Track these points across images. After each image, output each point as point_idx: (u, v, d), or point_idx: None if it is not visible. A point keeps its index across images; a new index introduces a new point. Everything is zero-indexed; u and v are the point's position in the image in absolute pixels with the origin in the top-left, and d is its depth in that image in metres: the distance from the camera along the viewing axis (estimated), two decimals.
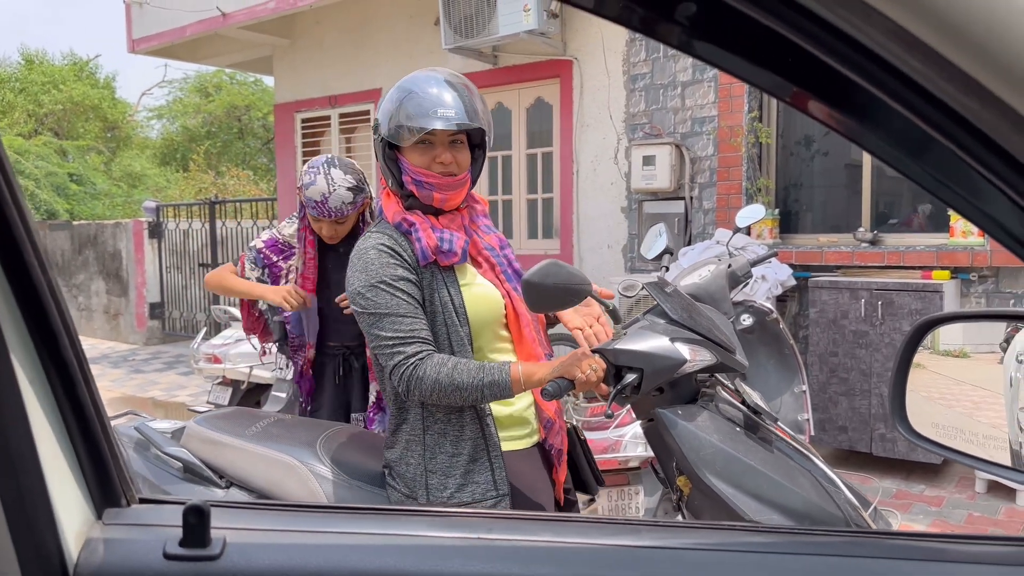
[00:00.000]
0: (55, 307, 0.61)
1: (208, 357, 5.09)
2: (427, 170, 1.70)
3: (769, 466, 1.61)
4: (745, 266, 2.60)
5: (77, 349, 0.63)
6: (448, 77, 1.72)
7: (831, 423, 4.48)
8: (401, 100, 1.68)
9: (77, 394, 0.62)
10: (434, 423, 1.69)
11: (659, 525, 0.72)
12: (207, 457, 2.01)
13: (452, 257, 1.70)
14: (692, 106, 5.32)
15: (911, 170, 0.58)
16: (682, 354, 1.61)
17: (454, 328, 1.68)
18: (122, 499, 0.65)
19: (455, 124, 1.66)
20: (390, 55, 6.92)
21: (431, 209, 1.74)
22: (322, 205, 2.48)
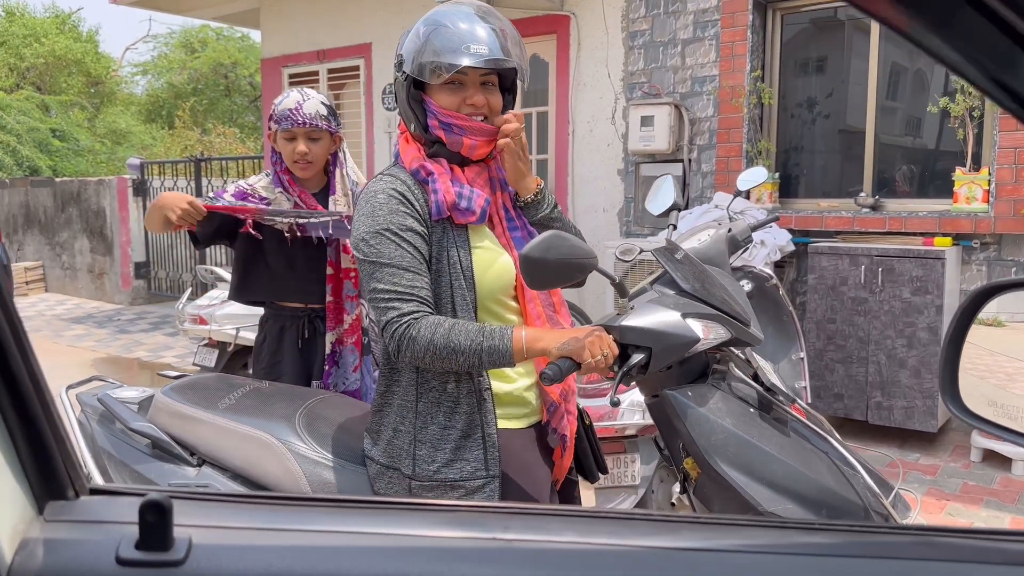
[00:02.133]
0: None
1: (194, 318, 4.97)
2: (457, 112, 1.56)
3: (784, 451, 1.50)
4: (746, 231, 2.51)
5: (12, 319, 0.52)
6: (479, 11, 1.56)
7: (827, 390, 4.43)
8: (429, 34, 1.52)
9: (12, 370, 0.51)
10: (428, 391, 1.57)
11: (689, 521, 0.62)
12: (177, 432, 1.85)
13: (469, 216, 1.56)
14: (692, 65, 5.17)
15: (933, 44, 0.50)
16: (695, 332, 1.49)
17: (459, 292, 1.55)
18: (68, 490, 0.55)
19: (490, 61, 1.51)
20: (381, 8, 6.71)
21: (456, 158, 1.60)
22: (296, 112, 2.39)
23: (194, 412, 1.85)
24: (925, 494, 3.66)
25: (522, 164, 1.61)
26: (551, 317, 1.66)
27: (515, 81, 1.65)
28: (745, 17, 4.91)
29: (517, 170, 1.61)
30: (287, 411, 1.82)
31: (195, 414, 1.85)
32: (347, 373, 2.55)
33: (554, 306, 1.69)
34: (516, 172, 1.62)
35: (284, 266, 2.53)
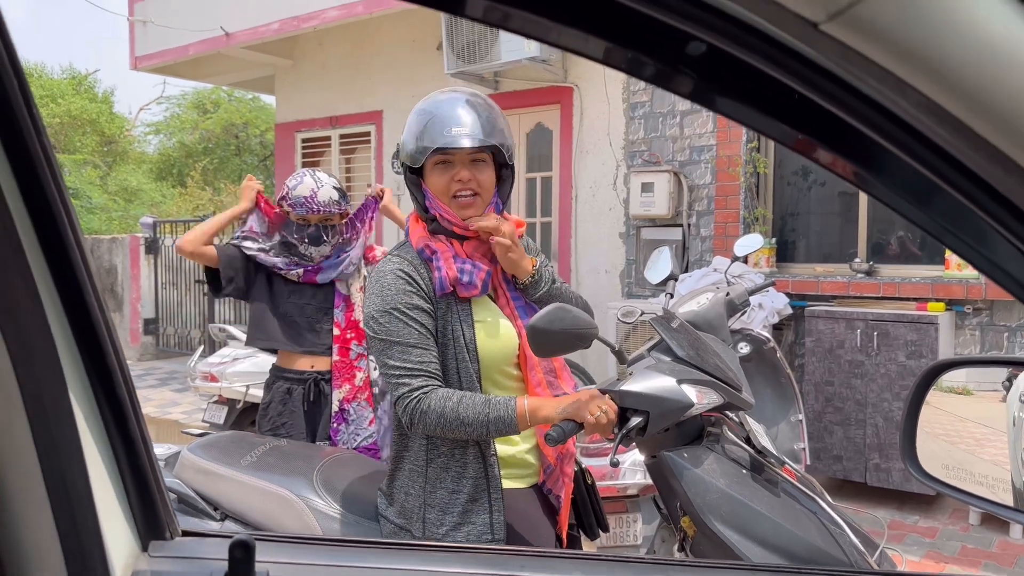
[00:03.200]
0: (111, 344, 0.63)
1: (205, 375, 5.08)
2: (446, 202, 1.67)
3: (775, 511, 1.60)
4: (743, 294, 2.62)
5: (130, 386, 0.65)
6: (468, 96, 1.69)
7: (826, 452, 4.50)
8: (421, 123, 1.65)
9: (128, 430, 0.64)
10: (437, 456, 1.66)
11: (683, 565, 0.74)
12: (202, 488, 1.96)
13: (471, 290, 1.66)
14: (691, 135, 5.38)
15: (917, 216, 0.60)
16: (689, 397, 1.60)
17: (463, 364, 1.64)
18: (166, 532, 0.67)
19: (472, 142, 1.62)
20: (392, 78, 6.98)
21: (455, 234, 1.71)
22: (311, 200, 2.59)
23: (217, 468, 1.96)
24: (924, 556, 3.71)
25: (513, 255, 1.70)
26: (552, 383, 1.75)
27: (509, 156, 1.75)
28: None
29: (509, 261, 1.71)
30: (306, 468, 1.92)
31: (218, 470, 1.95)
32: (360, 429, 2.68)
33: (555, 371, 1.77)
34: (508, 263, 1.72)
35: (294, 314, 2.70)
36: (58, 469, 0.58)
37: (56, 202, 0.61)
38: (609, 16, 0.49)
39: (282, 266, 2.70)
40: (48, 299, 0.59)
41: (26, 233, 0.58)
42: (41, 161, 0.59)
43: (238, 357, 5.08)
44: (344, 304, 2.73)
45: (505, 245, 1.68)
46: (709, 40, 0.50)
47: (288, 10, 6.71)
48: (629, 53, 0.55)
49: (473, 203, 1.68)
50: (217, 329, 5.62)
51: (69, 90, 20.50)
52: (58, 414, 0.59)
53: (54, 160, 0.62)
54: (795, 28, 0.45)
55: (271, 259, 2.71)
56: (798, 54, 0.49)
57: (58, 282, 0.60)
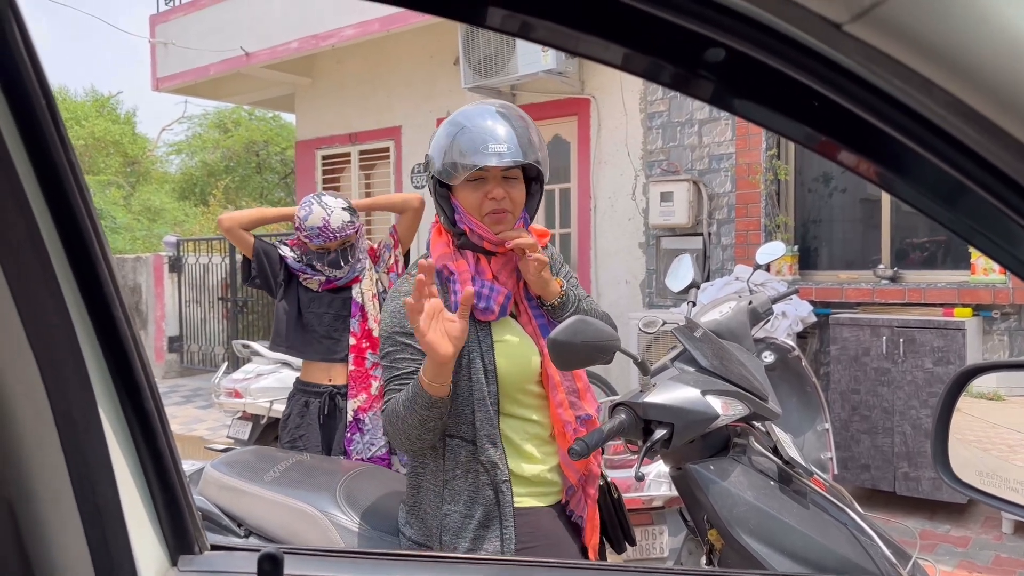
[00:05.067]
0: (139, 360, 0.64)
1: (229, 391, 5.11)
2: (478, 217, 1.64)
3: (804, 523, 1.58)
4: (766, 303, 2.59)
5: (157, 399, 0.65)
6: (501, 109, 1.64)
7: (854, 461, 4.44)
8: (454, 135, 1.61)
9: (157, 445, 0.64)
10: (452, 479, 1.64)
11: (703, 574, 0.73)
12: (225, 504, 1.96)
13: (488, 315, 1.63)
14: (709, 143, 5.36)
15: (944, 217, 0.59)
16: (714, 409, 1.57)
17: (478, 386, 1.61)
18: (195, 546, 0.67)
19: (508, 160, 1.57)
20: (410, 94, 7.03)
21: (483, 248, 1.68)
22: (325, 229, 2.63)
23: (241, 484, 1.96)
24: (957, 566, 3.64)
25: (544, 274, 1.66)
26: (574, 403, 1.71)
27: (539, 171, 1.71)
28: None
29: (539, 281, 1.67)
30: (329, 483, 1.92)
31: (242, 486, 1.96)
32: (375, 439, 2.72)
33: (578, 392, 1.73)
34: (538, 284, 1.67)
35: (313, 323, 2.76)
36: (88, 484, 0.59)
37: (84, 218, 0.61)
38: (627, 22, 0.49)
39: (309, 273, 2.78)
40: (77, 315, 0.60)
41: (55, 250, 0.59)
42: (69, 177, 0.60)
43: (262, 373, 5.11)
44: (360, 314, 2.78)
45: (542, 262, 1.65)
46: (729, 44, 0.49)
47: (306, 29, 6.79)
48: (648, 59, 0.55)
49: (504, 219, 1.65)
50: (241, 345, 5.65)
51: (92, 112, 20.83)
52: (88, 430, 0.59)
53: (81, 177, 0.63)
54: (818, 30, 0.45)
55: (299, 266, 2.78)
56: (821, 56, 0.48)
57: (87, 299, 0.61)
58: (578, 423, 1.71)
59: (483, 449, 1.62)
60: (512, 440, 1.68)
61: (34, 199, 0.58)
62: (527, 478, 1.67)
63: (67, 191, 0.59)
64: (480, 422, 1.62)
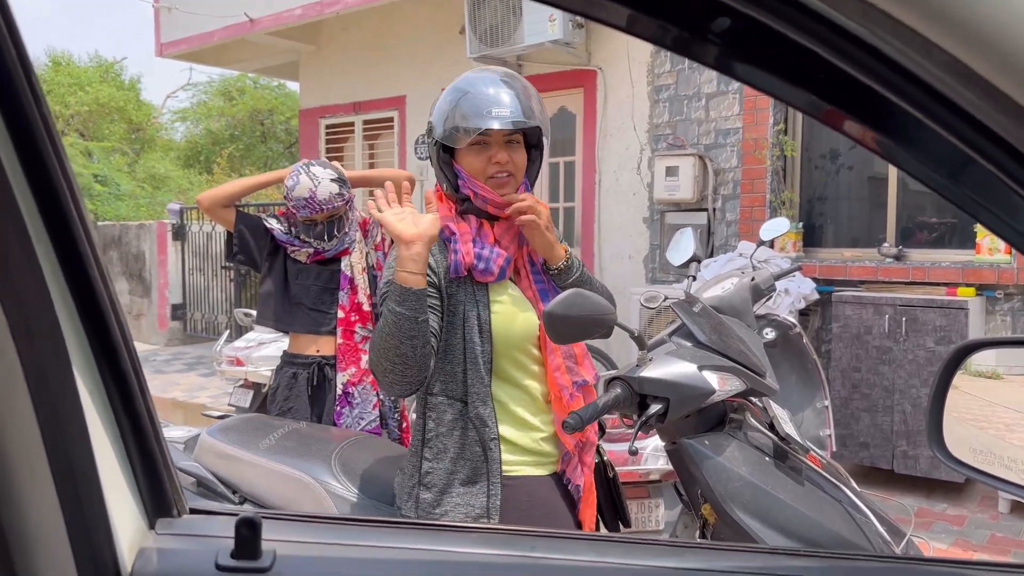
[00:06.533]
0: (115, 319, 0.63)
1: (231, 359, 5.13)
2: (482, 181, 1.66)
3: (799, 499, 1.57)
4: (769, 279, 2.58)
5: (134, 360, 0.64)
6: (503, 76, 1.67)
7: (852, 439, 4.45)
8: (456, 101, 1.63)
9: (134, 405, 0.63)
10: (435, 438, 1.65)
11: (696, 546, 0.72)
12: (221, 471, 1.96)
13: (487, 276, 1.64)
14: (716, 118, 5.31)
15: (949, 191, 0.58)
16: (710, 384, 1.57)
17: (471, 345, 1.62)
18: (174, 509, 0.66)
19: (510, 123, 1.60)
20: (415, 63, 6.97)
21: (485, 214, 1.69)
22: (312, 201, 2.58)
23: (236, 452, 1.96)
24: (952, 544, 3.65)
25: (549, 235, 1.69)
26: (571, 368, 1.72)
27: (540, 138, 1.74)
28: None
29: (544, 243, 1.69)
30: (324, 452, 1.92)
31: (237, 454, 1.96)
32: (364, 412, 2.70)
33: (575, 357, 1.74)
34: (543, 246, 1.70)
35: (300, 295, 2.73)
36: (62, 445, 0.58)
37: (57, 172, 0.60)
38: None
39: (297, 244, 2.74)
40: (50, 271, 0.58)
41: (26, 203, 0.58)
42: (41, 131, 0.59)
43: (264, 342, 5.12)
44: (349, 287, 2.74)
45: (538, 223, 1.66)
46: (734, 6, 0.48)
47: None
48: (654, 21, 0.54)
49: (508, 183, 1.67)
50: (243, 314, 5.67)
51: (96, 77, 20.70)
52: (61, 389, 0.58)
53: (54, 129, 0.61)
54: None
55: (286, 238, 2.74)
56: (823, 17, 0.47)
57: (60, 254, 0.59)
58: (575, 388, 1.71)
59: (473, 407, 1.63)
60: (505, 405, 1.67)
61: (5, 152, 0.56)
62: (520, 446, 1.67)
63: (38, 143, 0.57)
64: (471, 380, 1.63)
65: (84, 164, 16.76)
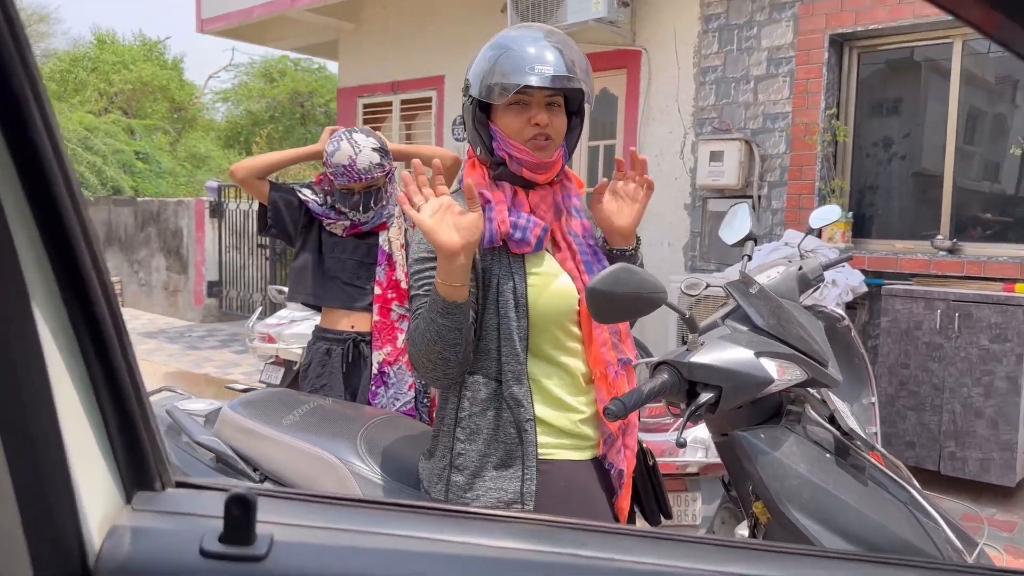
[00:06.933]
0: (95, 269, 0.52)
1: (262, 336, 5.09)
2: (520, 143, 1.55)
3: (862, 500, 1.44)
4: (817, 269, 2.46)
5: (116, 317, 0.54)
6: (547, 33, 1.56)
7: (898, 438, 4.27)
8: (497, 57, 1.52)
9: (111, 361, 0.53)
10: (467, 417, 1.55)
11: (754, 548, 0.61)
12: (241, 447, 1.88)
13: (524, 247, 1.53)
14: (765, 101, 5.12)
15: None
16: (769, 372, 1.44)
17: (506, 320, 1.52)
18: (156, 482, 0.56)
19: (553, 80, 1.49)
20: (454, 42, 6.85)
21: (521, 181, 1.59)
22: (350, 169, 2.47)
23: (258, 427, 1.88)
24: (1002, 551, 3.48)
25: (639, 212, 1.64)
26: (616, 345, 1.62)
27: (582, 104, 1.63)
28: (821, 55, 4.85)
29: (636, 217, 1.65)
30: (349, 430, 1.82)
31: (259, 429, 1.87)
32: (400, 393, 2.58)
33: (619, 334, 1.64)
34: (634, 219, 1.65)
35: (335, 269, 2.62)
36: (17, 407, 0.48)
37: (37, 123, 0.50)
38: None
39: (333, 217, 2.63)
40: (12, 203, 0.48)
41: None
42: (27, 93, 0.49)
43: (295, 319, 5.07)
44: (387, 262, 2.62)
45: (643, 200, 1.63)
46: None
47: None
48: None
49: (547, 146, 1.57)
50: (276, 291, 5.61)
51: (140, 57, 20.91)
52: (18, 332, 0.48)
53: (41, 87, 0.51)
54: None
55: (321, 210, 2.64)
56: None
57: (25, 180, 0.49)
58: (619, 366, 1.60)
59: (507, 386, 1.53)
60: (542, 384, 1.57)
61: None
62: (557, 427, 1.57)
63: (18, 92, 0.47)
64: (506, 358, 1.53)
65: (126, 141, 16.95)
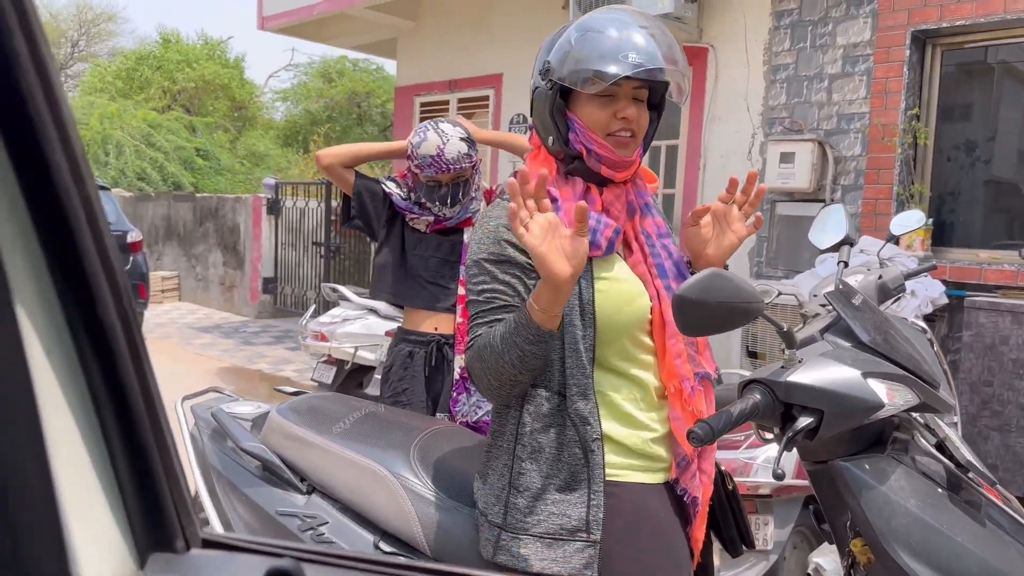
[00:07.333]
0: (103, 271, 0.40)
1: (315, 335, 5.04)
2: (601, 137, 1.42)
3: (979, 543, 1.26)
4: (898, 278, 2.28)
5: (127, 318, 0.41)
6: (642, 19, 1.42)
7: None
8: (587, 40, 1.39)
9: (121, 382, 0.41)
10: (529, 434, 1.42)
11: None
12: (289, 455, 1.77)
13: (594, 250, 1.39)
14: (840, 101, 4.88)
15: None
16: (878, 396, 1.28)
17: (571, 329, 1.39)
18: (178, 540, 0.44)
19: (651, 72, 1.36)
20: (513, 40, 6.73)
21: (596, 177, 1.46)
22: (439, 159, 2.36)
23: (307, 435, 1.77)
24: None
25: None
26: (692, 357, 1.47)
27: (663, 98, 1.50)
28: (902, 52, 4.59)
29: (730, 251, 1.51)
30: (403, 441, 1.70)
31: (308, 437, 1.76)
32: (483, 400, 2.43)
33: (696, 345, 1.49)
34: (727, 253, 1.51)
35: (418, 267, 2.52)
36: None
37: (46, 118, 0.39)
38: None
39: (417, 212, 2.52)
40: None
41: None
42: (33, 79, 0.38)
43: (348, 318, 5.01)
44: None
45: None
46: None
47: None
48: None
49: (629, 144, 1.44)
50: (329, 289, 5.57)
51: (203, 56, 21.31)
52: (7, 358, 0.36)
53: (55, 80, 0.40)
54: None
55: (405, 204, 2.54)
56: None
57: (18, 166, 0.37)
58: (696, 381, 1.45)
59: (572, 401, 1.39)
60: (610, 399, 1.43)
61: None
62: (627, 446, 1.42)
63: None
64: (571, 370, 1.39)
65: (188, 138, 17.27)
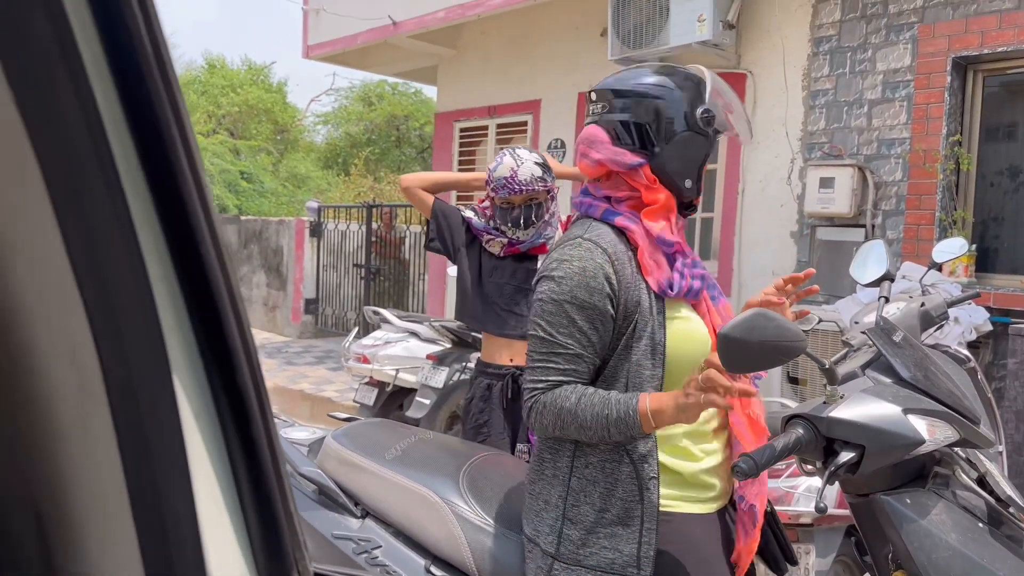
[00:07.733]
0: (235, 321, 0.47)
1: (358, 356, 5.14)
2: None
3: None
4: (941, 306, 2.28)
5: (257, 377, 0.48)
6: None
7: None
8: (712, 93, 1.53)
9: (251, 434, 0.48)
10: (584, 466, 1.45)
11: None
12: (343, 480, 1.84)
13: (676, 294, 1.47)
14: (880, 126, 4.87)
15: None
16: (919, 432, 1.31)
17: (638, 368, 1.42)
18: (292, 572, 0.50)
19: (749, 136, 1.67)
20: (552, 66, 6.83)
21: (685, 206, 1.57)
22: (512, 180, 2.45)
23: (361, 460, 1.83)
24: None
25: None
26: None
27: None
28: (943, 78, 4.58)
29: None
30: (452, 467, 1.76)
31: (361, 463, 1.83)
32: None
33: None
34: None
35: (493, 294, 2.62)
36: (150, 485, 0.42)
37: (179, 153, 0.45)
38: None
39: (493, 233, 2.61)
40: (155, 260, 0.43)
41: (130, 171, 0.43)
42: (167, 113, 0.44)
43: (390, 340, 5.10)
44: None
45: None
46: None
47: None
48: None
49: None
50: (371, 312, 5.67)
51: (247, 80, 21.85)
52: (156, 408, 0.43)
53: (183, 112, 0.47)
54: None
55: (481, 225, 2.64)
56: None
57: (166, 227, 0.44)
58: None
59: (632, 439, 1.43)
60: (668, 433, 1.47)
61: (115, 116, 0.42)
62: (682, 478, 1.46)
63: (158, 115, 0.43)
64: None
65: (232, 161, 17.69)
